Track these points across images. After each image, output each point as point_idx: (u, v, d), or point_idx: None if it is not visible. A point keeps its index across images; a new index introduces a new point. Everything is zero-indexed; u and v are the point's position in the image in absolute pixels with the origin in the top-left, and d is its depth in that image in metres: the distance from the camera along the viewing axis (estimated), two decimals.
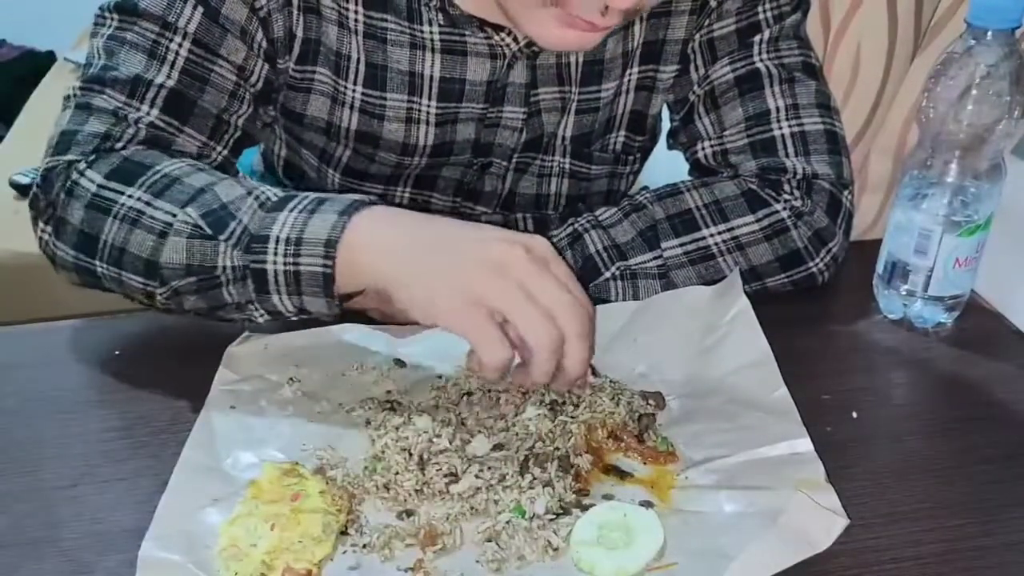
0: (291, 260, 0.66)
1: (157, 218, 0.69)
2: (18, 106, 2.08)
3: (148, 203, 0.70)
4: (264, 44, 0.79)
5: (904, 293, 0.81)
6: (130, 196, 0.70)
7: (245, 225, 0.67)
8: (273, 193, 0.69)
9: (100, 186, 0.72)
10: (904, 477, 0.66)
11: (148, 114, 0.75)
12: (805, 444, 0.64)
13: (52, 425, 0.71)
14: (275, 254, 0.66)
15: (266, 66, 0.80)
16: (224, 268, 0.67)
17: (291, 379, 0.73)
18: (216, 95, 0.78)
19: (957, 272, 0.79)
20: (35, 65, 2.59)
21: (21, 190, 1.66)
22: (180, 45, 0.75)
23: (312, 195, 0.69)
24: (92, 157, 0.73)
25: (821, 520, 0.58)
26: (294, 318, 0.70)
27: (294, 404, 0.71)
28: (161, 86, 0.75)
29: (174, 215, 0.69)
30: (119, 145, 0.74)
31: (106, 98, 0.75)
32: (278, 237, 0.66)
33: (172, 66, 0.75)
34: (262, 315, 0.70)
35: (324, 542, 0.58)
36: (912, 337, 0.82)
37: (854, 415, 0.72)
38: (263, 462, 0.64)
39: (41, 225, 0.75)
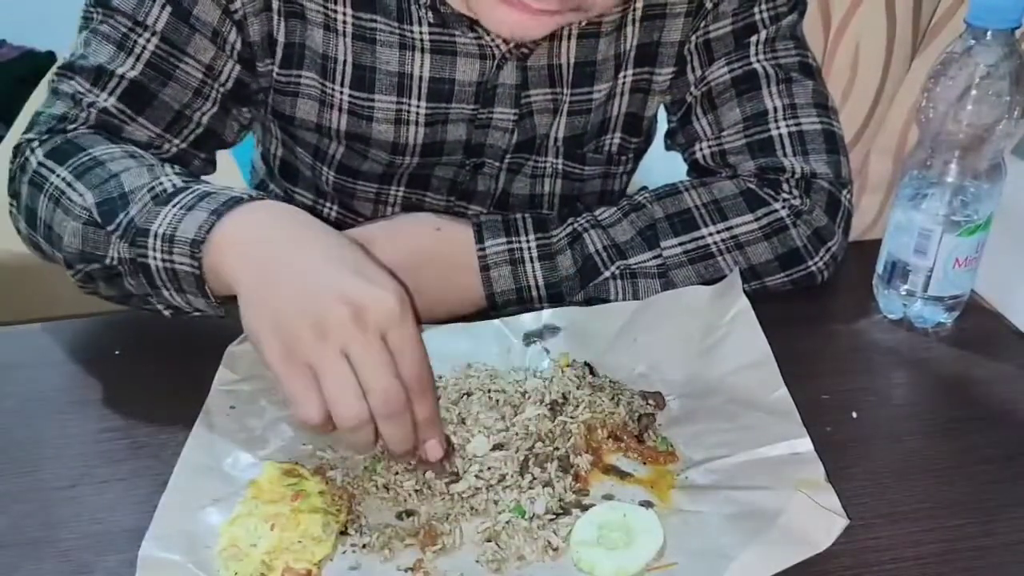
0: (167, 257, 0.65)
1: (73, 200, 0.70)
2: (18, 106, 2.07)
3: (69, 184, 0.71)
4: (239, 47, 0.80)
5: (904, 293, 0.81)
6: (58, 175, 0.72)
7: (132, 217, 0.67)
8: (171, 184, 0.68)
9: (39, 163, 0.74)
10: (904, 477, 0.66)
11: (105, 101, 0.77)
12: (805, 444, 0.64)
13: (52, 425, 0.71)
14: (154, 250, 0.66)
15: (238, 68, 0.81)
16: (114, 259, 0.68)
17: None
18: (179, 91, 0.79)
19: (957, 272, 0.79)
20: (35, 65, 2.59)
21: None
22: (148, 40, 0.77)
23: (201, 188, 0.67)
24: (45, 137, 0.77)
25: (821, 520, 0.58)
26: (195, 314, 0.69)
27: None
28: (123, 77, 0.77)
29: (83, 198, 0.70)
30: (71, 127, 0.77)
31: (72, 84, 0.78)
32: (156, 233, 0.65)
33: (138, 59, 0.77)
34: (165, 308, 0.70)
35: (324, 542, 0.58)
36: (912, 337, 0.82)
37: (854, 415, 0.72)
38: (263, 462, 0.64)
39: (9, 199, 0.78)
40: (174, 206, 0.66)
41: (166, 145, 0.81)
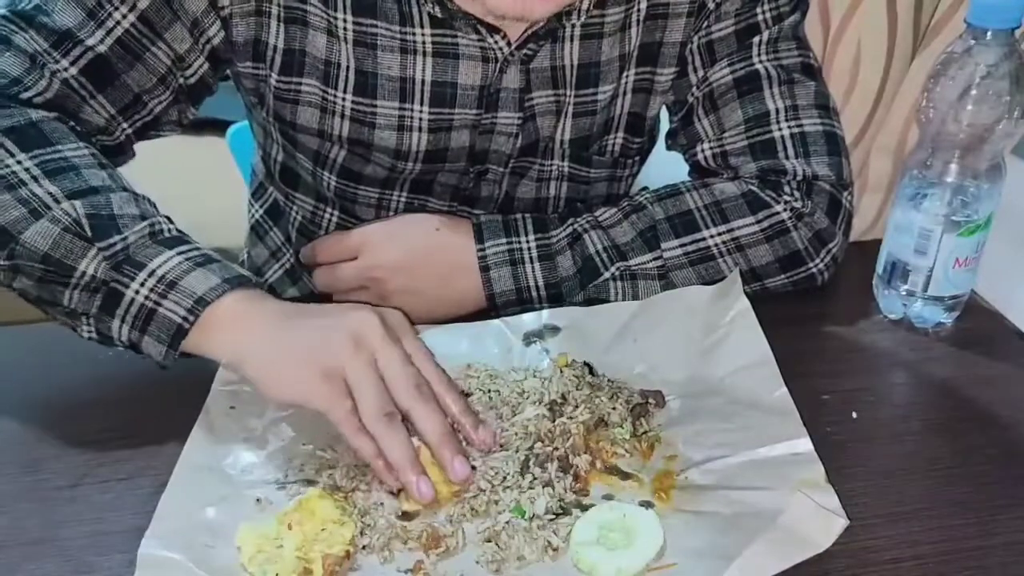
0: (155, 297, 0.66)
1: (37, 195, 0.67)
2: None
3: (35, 178, 0.68)
4: (216, 43, 0.79)
5: (904, 293, 0.81)
6: (19, 162, 0.69)
7: (127, 244, 0.67)
8: (168, 229, 0.70)
9: None
10: (904, 477, 0.66)
11: (66, 70, 0.73)
12: (805, 444, 0.64)
13: (53, 425, 0.71)
14: (142, 284, 0.66)
15: (207, 65, 0.80)
16: (83, 273, 0.67)
17: None
18: (144, 75, 0.77)
19: (957, 272, 0.79)
20: None
21: None
22: (124, 16, 0.74)
23: (204, 250, 0.70)
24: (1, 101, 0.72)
25: (821, 520, 0.58)
26: (120, 348, 0.69)
27: None
28: (90, 48, 0.74)
29: (57, 201, 0.67)
30: (26, 95, 0.72)
31: (28, 39, 0.73)
32: (154, 271, 0.66)
33: (108, 33, 0.74)
34: (90, 332, 0.69)
35: (347, 523, 0.59)
36: (912, 337, 0.82)
37: (854, 415, 0.72)
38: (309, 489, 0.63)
39: None
40: (181, 254, 0.68)
41: (117, 130, 0.78)
